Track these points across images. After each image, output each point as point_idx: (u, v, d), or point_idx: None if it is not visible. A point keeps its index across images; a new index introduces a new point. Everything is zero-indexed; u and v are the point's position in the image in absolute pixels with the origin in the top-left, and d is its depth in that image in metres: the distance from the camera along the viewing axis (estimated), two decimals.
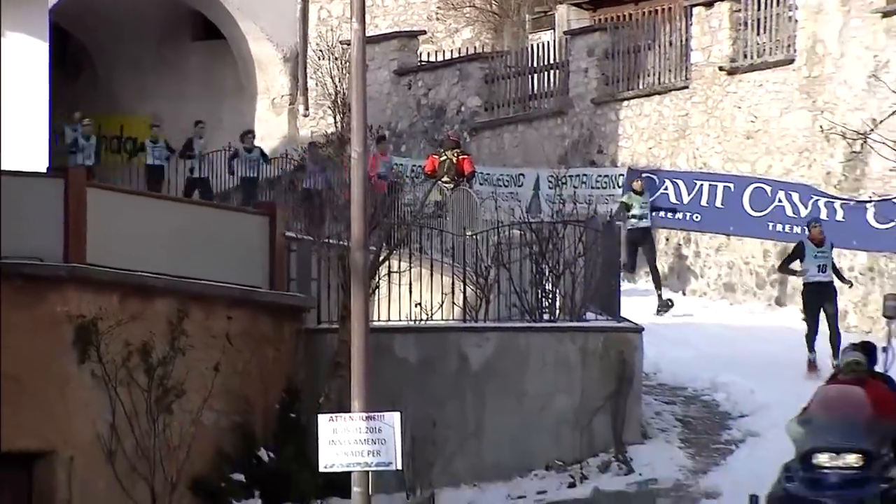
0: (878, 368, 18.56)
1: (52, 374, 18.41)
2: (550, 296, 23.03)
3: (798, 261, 25.07)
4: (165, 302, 19.51)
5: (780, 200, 28.74)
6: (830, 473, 16.27)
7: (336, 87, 32.42)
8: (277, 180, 33.61)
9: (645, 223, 29.14)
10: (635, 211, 28.96)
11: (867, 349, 18.27)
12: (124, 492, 18.49)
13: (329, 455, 14.96)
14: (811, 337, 24.75)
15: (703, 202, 29.72)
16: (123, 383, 18.69)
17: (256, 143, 34.24)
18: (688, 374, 24.98)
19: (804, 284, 24.94)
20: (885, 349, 20.25)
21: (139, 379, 18.81)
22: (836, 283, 25.15)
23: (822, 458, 16.34)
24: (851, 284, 26.06)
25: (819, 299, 24.87)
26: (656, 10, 33.07)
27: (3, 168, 20.27)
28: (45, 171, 22.72)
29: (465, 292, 22.84)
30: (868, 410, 16.55)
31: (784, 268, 25.85)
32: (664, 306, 28.36)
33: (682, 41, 31.77)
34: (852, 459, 16.25)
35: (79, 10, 35.15)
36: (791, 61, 29.43)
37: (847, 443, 16.32)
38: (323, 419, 15.12)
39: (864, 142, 19.75)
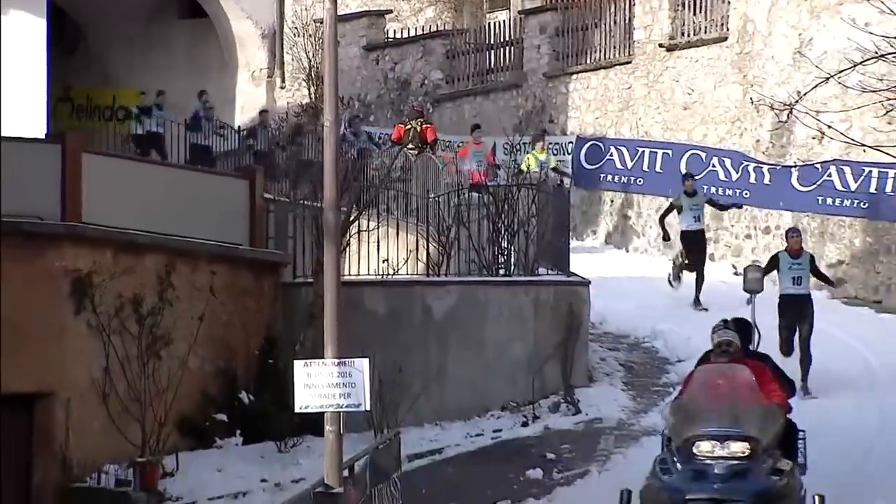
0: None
1: (50, 323, 18.36)
2: (506, 252, 23.08)
3: (775, 272, 22.15)
4: (154, 257, 19.45)
5: (713, 166, 28.83)
6: (713, 464, 13.58)
7: (310, 61, 32.52)
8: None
9: (698, 225, 26.27)
10: (686, 212, 26.06)
11: (741, 327, 15.51)
12: (117, 430, 18.46)
13: (304, 397, 14.93)
14: (787, 354, 21.22)
15: (645, 167, 29.77)
16: (116, 332, 18.65)
17: (237, 112, 34.11)
18: (630, 323, 25.10)
19: (779, 297, 21.96)
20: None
21: (131, 328, 18.76)
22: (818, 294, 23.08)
23: (704, 447, 13.68)
24: (834, 284, 23.94)
25: (793, 314, 21.59)
26: None
27: (5, 134, 20.20)
28: (43, 137, 22.59)
29: (428, 249, 22.85)
30: (754, 393, 14.08)
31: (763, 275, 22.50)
32: (697, 305, 25.51)
33: (625, 20, 31.77)
34: (738, 448, 13.63)
35: None
36: (724, 39, 29.49)
37: (732, 430, 13.70)
38: (298, 364, 15.09)
39: (790, 112, 19.75)
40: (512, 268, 23.01)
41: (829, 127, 20.44)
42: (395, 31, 36.78)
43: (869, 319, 24.64)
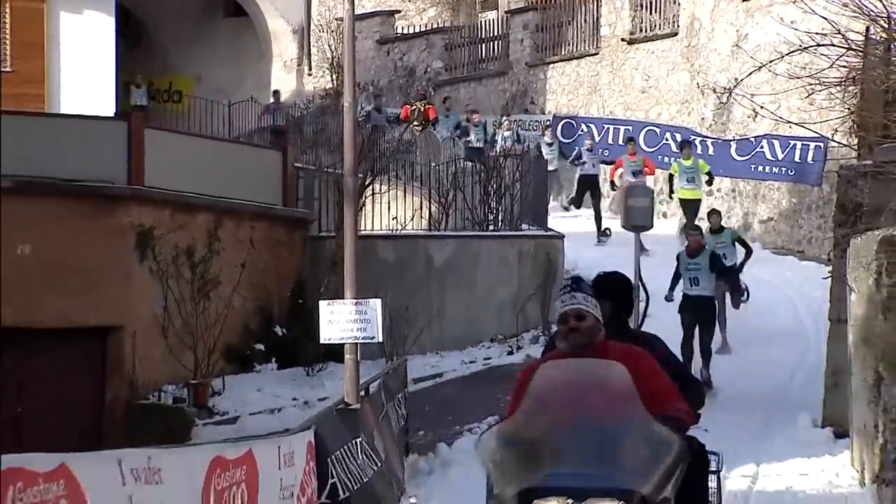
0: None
1: (119, 269, 18.43)
2: (495, 211, 23.10)
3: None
4: (205, 215, 19.50)
5: (666, 139, 28.76)
6: None
7: (332, 52, 32.35)
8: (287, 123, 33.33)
9: (728, 263, 19.43)
10: (718, 251, 18.99)
11: (613, 288, 7.96)
12: (174, 357, 18.55)
13: (327, 331, 14.96)
14: (685, 358, 16.76)
15: (610, 141, 29.68)
16: (173, 276, 18.71)
17: (272, 97, 33.98)
18: (597, 269, 24.82)
19: (682, 297, 18.13)
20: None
21: (185, 273, 18.82)
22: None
23: None
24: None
25: (692, 317, 17.65)
26: None
27: (82, 113, 20.23)
28: (113, 115, 22.58)
29: (430, 209, 22.88)
30: (634, 408, 6.66)
31: (672, 287, 18.38)
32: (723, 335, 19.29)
33: (594, 18, 31.69)
34: None
35: None
36: (675, 34, 29.42)
37: (596, 478, 6.41)
38: (323, 304, 15.11)
39: (729, 95, 19.75)
40: (500, 224, 23.04)
41: (762, 107, 20.39)
42: (402, 27, 36.68)
43: (793, 266, 24.67)
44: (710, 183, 25.64)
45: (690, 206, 24.95)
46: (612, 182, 26.46)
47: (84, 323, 18.01)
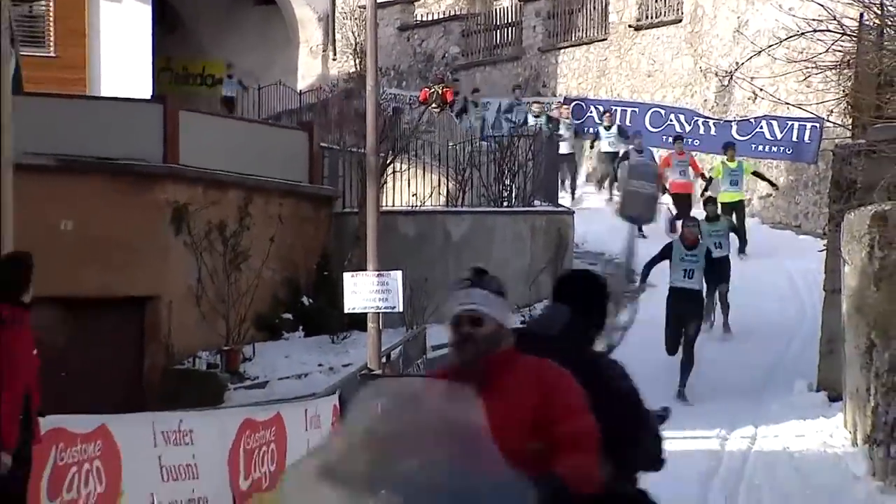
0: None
1: (156, 243, 18.48)
2: (509, 188, 23.06)
3: (667, 262, 16.50)
4: (236, 192, 19.52)
5: (671, 120, 28.62)
6: None
7: (355, 39, 32.29)
8: (313, 106, 33.30)
9: (721, 253, 18.24)
10: (706, 238, 17.37)
11: (570, 287, 6.10)
12: (208, 325, 18.60)
13: (351, 301, 15.03)
14: (671, 353, 16.06)
15: (617, 122, 29.61)
16: (206, 250, 18.76)
17: (298, 80, 33.93)
18: (604, 243, 24.99)
19: (669, 290, 16.39)
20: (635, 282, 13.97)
21: (217, 247, 18.87)
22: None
23: None
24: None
25: (681, 311, 15.98)
26: None
27: (120, 96, 20.24)
28: (149, 98, 22.60)
29: (448, 186, 22.85)
30: (480, 448, 4.39)
31: (646, 270, 17.08)
32: (726, 329, 18.60)
33: (602, 6, 31.54)
34: None
35: None
36: (679, 21, 29.29)
37: None
38: (347, 276, 15.18)
39: (731, 79, 19.66)
40: (513, 200, 23.01)
41: (761, 90, 20.31)
42: (422, 15, 36.58)
43: (790, 240, 24.61)
44: (773, 184, 24.16)
45: (731, 210, 22.20)
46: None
47: (123, 293, 18.08)
